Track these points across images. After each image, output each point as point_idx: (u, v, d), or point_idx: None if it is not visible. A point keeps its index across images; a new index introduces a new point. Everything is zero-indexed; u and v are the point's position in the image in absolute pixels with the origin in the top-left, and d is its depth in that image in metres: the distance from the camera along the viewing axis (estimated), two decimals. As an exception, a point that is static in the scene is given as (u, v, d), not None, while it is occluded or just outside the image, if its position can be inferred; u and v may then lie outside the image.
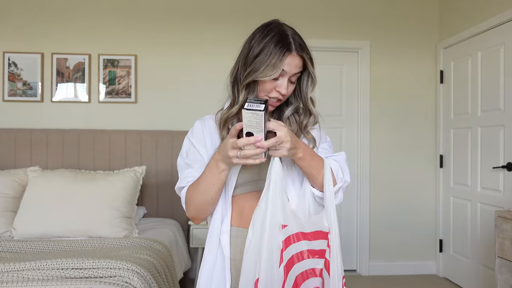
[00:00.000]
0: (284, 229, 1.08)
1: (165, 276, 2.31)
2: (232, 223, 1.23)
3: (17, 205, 2.82)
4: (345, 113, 3.88)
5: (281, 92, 1.18)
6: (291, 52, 1.16)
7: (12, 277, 1.86)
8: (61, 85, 3.53)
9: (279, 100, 1.22)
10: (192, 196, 1.20)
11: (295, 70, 1.18)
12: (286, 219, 1.09)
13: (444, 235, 3.78)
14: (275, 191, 1.09)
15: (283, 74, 1.17)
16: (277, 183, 1.09)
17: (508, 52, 2.97)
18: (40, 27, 3.51)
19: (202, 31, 3.60)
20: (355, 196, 3.87)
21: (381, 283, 3.61)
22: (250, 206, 1.19)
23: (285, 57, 1.15)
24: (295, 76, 1.20)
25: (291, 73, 1.18)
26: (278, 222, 1.08)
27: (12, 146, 3.33)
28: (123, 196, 2.82)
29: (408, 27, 3.87)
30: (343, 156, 1.28)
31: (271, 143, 1.05)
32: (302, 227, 1.11)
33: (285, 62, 1.15)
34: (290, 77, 1.19)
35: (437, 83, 3.86)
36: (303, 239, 1.11)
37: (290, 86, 1.21)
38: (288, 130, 1.08)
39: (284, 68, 1.16)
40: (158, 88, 3.60)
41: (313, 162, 1.17)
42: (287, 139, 1.07)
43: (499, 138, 3.05)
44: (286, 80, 1.18)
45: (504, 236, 2.38)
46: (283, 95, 1.19)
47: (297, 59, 1.18)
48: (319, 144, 1.29)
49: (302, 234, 1.11)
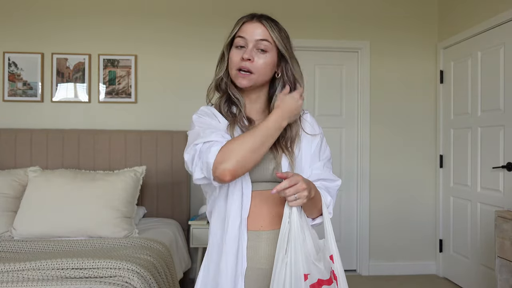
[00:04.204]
0: (307, 281, 1.08)
1: (165, 276, 2.31)
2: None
3: (17, 205, 2.82)
4: (345, 113, 3.88)
5: (243, 56, 1.20)
6: (248, 20, 1.23)
7: (12, 277, 1.86)
8: (61, 85, 3.53)
9: (248, 72, 1.22)
10: (238, 146, 1.10)
11: (257, 36, 1.22)
12: (308, 268, 1.09)
13: (444, 235, 3.78)
14: (296, 242, 1.09)
15: (245, 43, 1.22)
16: (298, 233, 1.10)
17: (508, 52, 2.97)
18: (40, 27, 3.51)
19: (202, 31, 3.60)
20: (355, 196, 3.87)
21: (381, 283, 3.61)
22: (250, 208, 1.20)
23: (242, 23, 1.23)
24: (264, 46, 1.22)
25: (253, 39, 1.21)
26: (301, 272, 1.08)
27: (12, 146, 3.33)
28: (123, 196, 2.82)
29: (408, 27, 3.87)
30: (337, 186, 1.29)
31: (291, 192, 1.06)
32: (322, 274, 1.11)
33: (242, 29, 1.22)
34: (256, 45, 1.21)
35: (437, 83, 3.86)
36: (323, 284, 1.11)
37: (261, 56, 1.22)
38: (301, 177, 1.09)
39: (242, 34, 1.22)
40: (158, 88, 3.60)
41: (317, 196, 1.18)
42: (303, 186, 1.07)
43: (499, 138, 3.05)
44: (251, 47, 1.21)
45: (504, 236, 2.38)
46: (247, 60, 1.20)
47: (257, 25, 1.23)
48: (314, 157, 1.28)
49: (321, 281, 1.11)
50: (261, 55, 1.22)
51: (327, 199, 1.24)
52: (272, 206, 1.22)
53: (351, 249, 3.86)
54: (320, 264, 1.11)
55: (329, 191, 1.26)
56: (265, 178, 1.22)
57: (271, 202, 1.22)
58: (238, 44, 1.22)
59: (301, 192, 1.07)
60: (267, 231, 1.22)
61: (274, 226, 1.22)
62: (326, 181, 1.27)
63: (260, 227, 1.22)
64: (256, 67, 1.22)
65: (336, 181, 1.29)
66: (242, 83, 1.23)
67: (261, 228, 1.22)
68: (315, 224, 1.25)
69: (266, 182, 1.22)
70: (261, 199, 1.22)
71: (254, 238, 1.21)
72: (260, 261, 1.20)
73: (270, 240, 1.21)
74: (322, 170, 1.28)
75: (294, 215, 1.10)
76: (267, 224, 1.22)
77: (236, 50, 1.23)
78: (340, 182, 1.31)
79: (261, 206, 1.22)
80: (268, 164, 1.22)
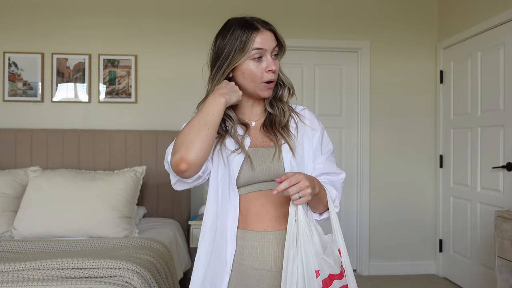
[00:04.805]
0: (319, 277, 1.09)
1: (165, 276, 2.31)
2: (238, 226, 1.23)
3: (17, 205, 2.82)
4: (345, 113, 3.88)
5: (271, 69, 1.20)
6: (259, 30, 1.20)
7: (12, 277, 1.86)
8: (61, 85, 3.53)
9: (272, 81, 1.23)
10: (180, 136, 1.15)
11: (272, 44, 1.22)
12: (319, 264, 1.10)
13: (444, 235, 3.78)
14: (304, 240, 1.09)
15: (263, 53, 1.20)
16: (306, 231, 1.10)
17: (508, 52, 2.97)
18: (40, 27, 3.51)
19: (202, 31, 3.60)
20: (355, 196, 3.88)
21: (381, 283, 3.61)
22: (254, 209, 1.21)
23: (254, 35, 1.19)
24: (276, 51, 1.24)
25: (270, 48, 1.21)
26: (313, 270, 1.08)
27: (12, 146, 3.33)
28: (123, 196, 2.82)
29: (408, 27, 3.87)
30: (342, 179, 1.29)
31: (294, 191, 1.06)
32: (332, 269, 1.12)
33: (257, 40, 1.19)
34: (272, 53, 1.22)
35: (437, 83, 3.86)
36: (334, 279, 1.12)
37: (277, 62, 1.24)
38: (303, 175, 1.08)
39: (261, 46, 1.19)
40: (158, 88, 3.60)
41: (321, 192, 1.17)
42: (305, 184, 1.07)
43: (499, 138, 3.05)
44: (270, 57, 1.21)
45: (504, 236, 2.38)
46: (273, 71, 1.21)
47: (268, 34, 1.22)
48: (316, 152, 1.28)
49: (332, 275, 1.12)
50: (276, 61, 1.24)
51: (333, 193, 1.23)
52: (278, 206, 1.22)
53: (351, 249, 3.86)
54: (330, 259, 1.12)
55: (334, 185, 1.26)
56: (269, 177, 1.21)
57: (277, 202, 1.21)
58: (255, 56, 1.20)
59: (305, 190, 1.06)
60: (273, 231, 1.21)
61: (280, 226, 1.21)
62: (330, 174, 1.27)
63: (265, 228, 1.21)
64: (277, 74, 1.25)
65: (340, 174, 1.29)
66: (270, 93, 1.25)
67: (266, 229, 1.21)
68: (322, 219, 1.24)
69: (269, 181, 1.22)
70: (267, 199, 1.21)
71: (259, 238, 1.21)
72: (265, 262, 1.20)
73: (276, 240, 1.20)
74: (325, 164, 1.27)
75: (300, 213, 1.11)
76: (272, 225, 1.21)
77: (254, 62, 1.21)
78: (345, 175, 1.31)
79: (266, 206, 1.21)
80: (270, 163, 1.22)
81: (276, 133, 1.25)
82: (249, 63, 1.20)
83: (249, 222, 1.22)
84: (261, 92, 1.24)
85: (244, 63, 1.21)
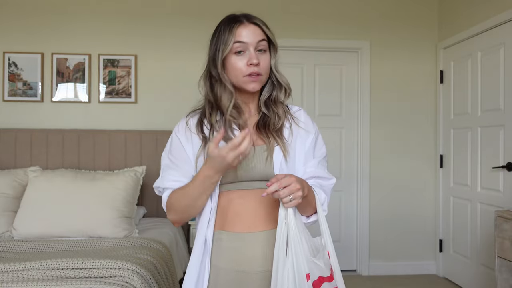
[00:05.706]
0: (309, 280, 1.08)
1: (165, 276, 2.31)
2: (215, 227, 1.21)
3: (17, 205, 2.82)
4: (345, 113, 3.88)
5: (252, 62, 1.18)
6: (241, 23, 1.20)
7: (12, 277, 1.86)
8: (61, 85, 3.53)
9: (258, 75, 1.20)
10: (176, 201, 1.19)
11: (256, 38, 1.20)
12: (309, 267, 1.09)
13: (444, 235, 3.78)
14: (295, 243, 1.09)
15: (245, 47, 1.19)
16: (296, 233, 1.09)
17: (508, 52, 2.97)
18: (40, 27, 3.51)
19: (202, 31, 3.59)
20: (355, 196, 3.87)
21: (381, 283, 3.61)
22: (233, 208, 1.19)
23: (236, 28, 1.19)
24: (263, 46, 1.21)
25: (254, 42, 1.20)
26: (303, 273, 1.08)
27: (12, 146, 3.33)
28: (123, 196, 2.82)
29: (408, 27, 3.86)
30: (331, 184, 1.28)
31: (286, 193, 1.05)
32: (322, 272, 1.12)
33: (238, 34, 1.18)
34: (256, 47, 1.20)
35: (437, 83, 3.86)
36: (324, 281, 1.12)
37: (263, 57, 1.22)
38: (294, 177, 1.07)
39: (242, 39, 1.18)
40: (158, 88, 3.60)
41: (310, 194, 1.17)
42: (296, 187, 1.06)
43: (499, 138, 3.05)
44: (253, 51, 1.19)
45: (504, 236, 2.38)
46: (256, 64, 1.19)
47: (252, 27, 1.21)
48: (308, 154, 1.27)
49: (322, 278, 1.12)
50: (263, 56, 1.21)
51: (322, 196, 1.22)
52: (258, 207, 1.20)
53: (351, 249, 3.86)
54: (320, 262, 1.11)
55: (324, 189, 1.25)
56: (258, 176, 1.19)
57: (258, 203, 1.19)
58: (237, 50, 1.19)
59: (296, 193, 1.06)
60: (262, 231, 1.19)
61: (258, 228, 1.19)
62: (321, 179, 1.25)
63: (244, 229, 1.19)
64: (263, 68, 1.21)
65: (331, 179, 1.28)
66: (255, 87, 1.22)
67: (245, 230, 1.19)
68: (309, 222, 1.23)
69: (259, 181, 1.19)
70: (248, 200, 1.19)
71: (237, 240, 1.18)
72: (243, 264, 1.17)
73: (265, 241, 1.18)
74: (316, 168, 1.26)
75: (290, 216, 1.10)
76: (262, 225, 1.19)
77: (237, 56, 1.20)
78: (335, 181, 1.29)
79: (246, 206, 1.19)
80: (258, 163, 1.20)
81: (269, 135, 1.23)
82: (232, 57, 1.20)
83: (227, 223, 1.20)
84: (246, 86, 1.21)
85: (228, 57, 1.20)
